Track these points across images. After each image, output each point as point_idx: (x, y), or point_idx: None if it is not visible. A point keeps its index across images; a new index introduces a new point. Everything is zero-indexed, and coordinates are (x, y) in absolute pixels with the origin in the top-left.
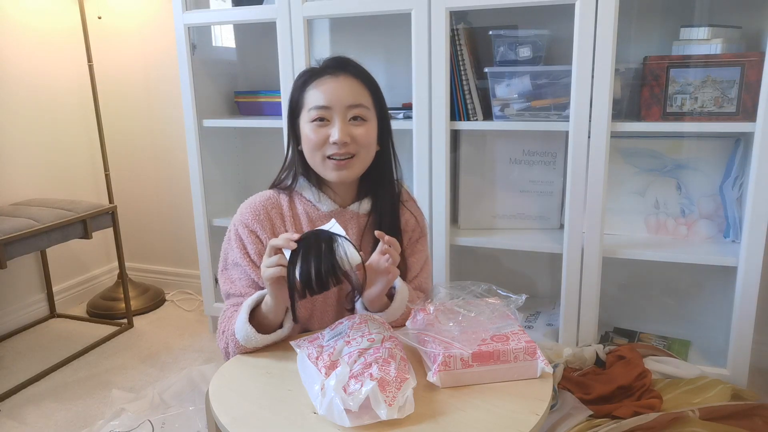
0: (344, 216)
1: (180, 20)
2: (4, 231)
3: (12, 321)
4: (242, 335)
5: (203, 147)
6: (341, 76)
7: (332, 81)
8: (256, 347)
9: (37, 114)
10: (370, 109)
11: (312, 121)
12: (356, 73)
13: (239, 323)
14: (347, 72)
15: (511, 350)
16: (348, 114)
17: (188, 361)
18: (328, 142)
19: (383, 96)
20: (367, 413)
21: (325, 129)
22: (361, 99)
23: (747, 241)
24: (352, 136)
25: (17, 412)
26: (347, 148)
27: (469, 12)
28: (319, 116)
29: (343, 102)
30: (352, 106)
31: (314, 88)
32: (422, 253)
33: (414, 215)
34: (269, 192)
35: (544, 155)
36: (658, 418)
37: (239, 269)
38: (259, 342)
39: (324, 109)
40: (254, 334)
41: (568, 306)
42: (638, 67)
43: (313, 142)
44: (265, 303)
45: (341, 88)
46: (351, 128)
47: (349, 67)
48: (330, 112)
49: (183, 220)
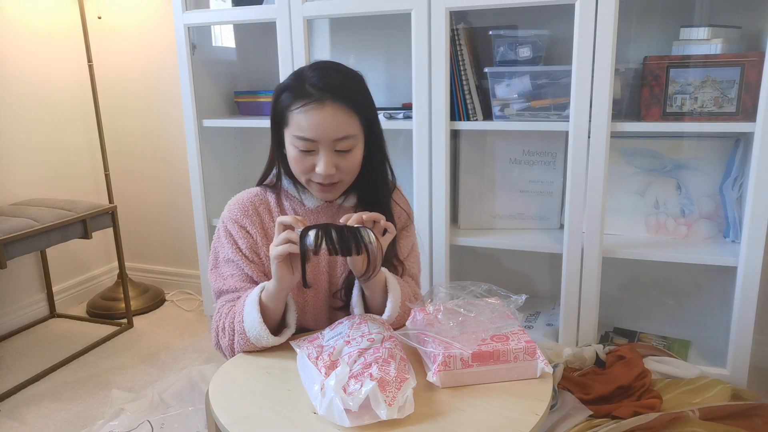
0: (330, 210)
1: (180, 20)
2: (4, 231)
3: (12, 321)
4: (254, 334)
5: (203, 147)
6: (327, 104)
7: (318, 113)
8: (264, 347)
9: (37, 114)
10: (357, 135)
11: (297, 148)
12: (343, 97)
13: (251, 322)
14: (334, 98)
15: (511, 350)
16: (334, 146)
17: (188, 361)
18: (313, 170)
19: (372, 103)
20: (367, 413)
21: (311, 158)
22: (347, 129)
23: (747, 241)
24: (337, 166)
25: (17, 412)
26: (331, 178)
27: (469, 12)
28: (305, 148)
29: (329, 136)
30: (338, 140)
31: (300, 113)
32: (409, 239)
33: (399, 204)
34: (256, 189)
35: (544, 155)
36: (658, 418)
37: (231, 265)
38: (270, 343)
39: (309, 141)
40: (266, 335)
41: (567, 306)
42: (638, 67)
43: (299, 167)
44: (266, 291)
45: (327, 121)
46: (337, 159)
47: (334, 91)
48: (315, 144)
49: (183, 220)
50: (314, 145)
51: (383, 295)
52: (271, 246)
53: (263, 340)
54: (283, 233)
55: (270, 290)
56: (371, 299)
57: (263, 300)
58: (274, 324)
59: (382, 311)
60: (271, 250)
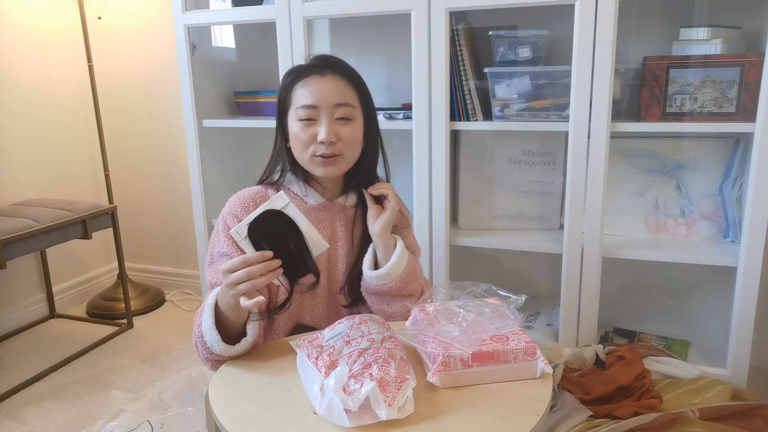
0: (332, 209)
1: (180, 20)
2: (4, 231)
3: (12, 321)
4: (208, 338)
5: (203, 147)
6: (328, 75)
7: (319, 80)
8: (220, 356)
9: (37, 114)
10: (357, 108)
11: (300, 120)
12: (342, 72)
13: (207, 325)
14: (334, 71)
15: (511, 350)
16: (335, 113)
17: (188, 361)
18: (315, 141)
19: (370, 94)
20: (367, 413)
21: (313, 128)
22: (347, 98)
23: (747, 241)
24: (338, 135)
25: (17, 412)
26: (333, 148)
27: (468, 12)
28: (307, 116)
29: (329, 101)
30: (338, 105)
31: (301, 87)
32: (407, 240)
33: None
34: (257, 187)
35: (544, 155)
36: (657, 418)
37: (225, 259)
38: (222, 350)
39: (311, 108)
40: (217, 342)
41: (567, 306)
42: (638, 68)
43: (302, 141)
44: (221, 295)
45: (328, 87)
46: (337, 127)
47: (335, 65)
48: (317, 111)
49: (183, 220)
50: (315, 113)
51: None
52: (232, 273)
53: (215, 347)
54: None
55: (226, 301)
56: (382, 260)
57: (221, 306)
58: (238, 329)
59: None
60: (230, 278)
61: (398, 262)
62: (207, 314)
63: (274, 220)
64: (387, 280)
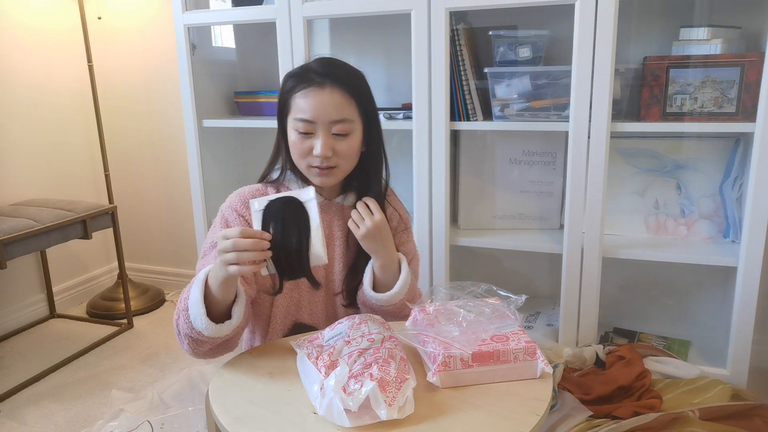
0: (330, 208)
1: (180, 20)
2: (4, 231)
3: (12, 321)
4: (193, 312)
5: (203, 147)
6: (327, 87)
7: (317, 94)
8: (200, 333)
9: (37, 114)
10: (355, 121)
11: (297, 131)
12: (342, 83)
13: (194, 298)
14: (333, 82)
15: (511, 350)
16: (332, 128)
17: (188, 361)
18: (311, 153)
19: (372, 99)
20: (367, 413)
21: (309, 141)
22: (345, 113)
23: (747, 241)
24: (334, 149)
25: (17, 412)
26: (329, 162)
27: (468, 12)
28: (304, 129)
29: (326, 118)
30: (335, 122)
31: (300, 97)
32: (406, 245)
33: (397, 210)
34: (258, 185)
35: (544, 155)
36: (658, 418)
37: None
38: (205, 328)
39: (308, 123)
40: (201, 316)
41: (567, 306)
42: (638, 68)
43: (299, 150)
44: (212, 272)
45: (326, 102)
46: (334, 142)
47: (335, 75)
48: (314, 125)
49: (183, 221)
50: (312, 127)
51: (394, 278)
52: (227, 242)
53: (198, 321)
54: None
55: (215, 274)
56: (380, 279)
57: (209, 281)
58: (223, 309)
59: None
60: (227, 257)
61: (399, 291)
62: (196, 287)
63: (293, 209)
64: (386, 303)
